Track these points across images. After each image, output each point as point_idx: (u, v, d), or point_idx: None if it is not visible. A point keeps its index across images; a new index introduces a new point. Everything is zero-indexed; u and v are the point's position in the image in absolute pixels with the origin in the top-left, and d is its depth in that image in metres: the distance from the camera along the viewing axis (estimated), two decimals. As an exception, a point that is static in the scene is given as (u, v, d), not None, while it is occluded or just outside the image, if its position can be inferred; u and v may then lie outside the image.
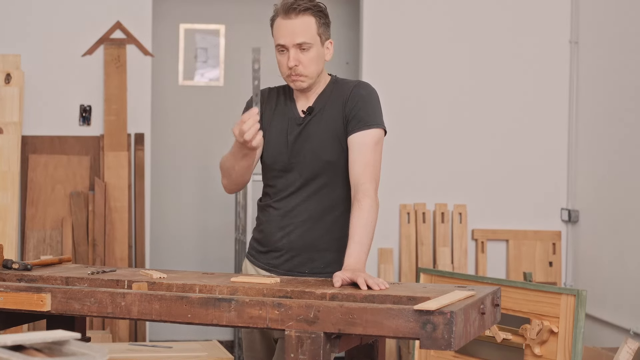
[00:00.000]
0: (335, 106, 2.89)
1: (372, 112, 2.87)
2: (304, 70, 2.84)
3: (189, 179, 6.37)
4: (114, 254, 5.36)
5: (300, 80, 2.86)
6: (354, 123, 2.85)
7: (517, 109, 5.73)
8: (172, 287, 2.68)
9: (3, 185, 5.09)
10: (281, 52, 2.85)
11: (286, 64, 2.84)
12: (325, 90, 2.94)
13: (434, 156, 5.70)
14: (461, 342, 2.23)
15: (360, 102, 2.87)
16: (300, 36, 2.81)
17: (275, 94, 3.00)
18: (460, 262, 5.62)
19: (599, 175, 5.39)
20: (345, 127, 2.86)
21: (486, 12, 5.72)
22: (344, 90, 2.91)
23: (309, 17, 2.83)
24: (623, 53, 5.15)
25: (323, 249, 2.89)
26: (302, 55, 2.83)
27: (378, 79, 5.65)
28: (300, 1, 2.83)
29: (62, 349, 1.88)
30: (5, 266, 2.92)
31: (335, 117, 2.88)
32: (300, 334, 2.29)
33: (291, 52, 2.82)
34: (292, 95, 2.97)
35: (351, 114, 2.86)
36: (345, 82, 2.97)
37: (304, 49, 2.82)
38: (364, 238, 2.74)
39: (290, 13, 2.82)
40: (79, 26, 5.52)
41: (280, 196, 2.92)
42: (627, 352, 3.56)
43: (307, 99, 2.93)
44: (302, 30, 2.82)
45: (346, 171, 2.87)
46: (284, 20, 2.83)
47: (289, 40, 2.82)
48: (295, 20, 2.82)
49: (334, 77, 2.98)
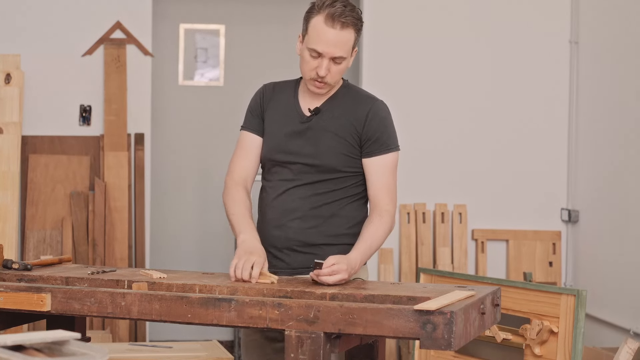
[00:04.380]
0: (346, 115, 2.88)
1: (393, 135, 2.91)
2: (331, 80, 2.84)
3: (189, 179, 6.36)
4: (114, 254, 5.36)
5: (323, 88, 2.86)
6: (376, 146, 2.87)
7: (517, 109, 5.73)
8: (172, 287, 2.68)
9: (3, 185, 5.09)
10: (313, 56, 2.81)
11: (314, 69, 2.81)
12: (337, 94, 2.93)
13: (434, 156, 5.70)
14: (461, 342, 2.23)
15: (382, 125, 2.88)
16: (339, 50, 2.79)
17: (280, 89, 3.00)
18: (460, 262, 5.62)
19: (599, 176, 5.39)
20: (360, 145, 2.88)
21: (486, 12, 5.72)
22: (359, 104, 2.90)
23: (351, 32, 2.80)
24: (623, 53, 5.15)
25: (322, 245, 2.88)
26: (333, 67, 2.82)
27: (378, 80, 5.65)
28: (348, 12, 2.78)
29: (62, 349, 1.88)
30: (5, 266, 2.92)
31: (346, 128, 2.88)
32: (300, 334, 2.29)
33: (324, 62, 2.80)
34: (297, 91, 2.96)
35: (373, 136, 2.87)
36: (359, 93, 2.96)
37: (338, 62, 2.81)
38: (374, 243, 2.81)
39: (336, 23, 2.77)
40: (78, 26, 5.52)
41: (277, 192, 2.92)
42: (627, 352, 3.56)
43: (316, 98, 2.93)
44: (342, 44, 2.79)
45: (347, 180, 2.89)
46: (327, 27, 2.78)
47: (328, 51, 2.78)
48: (339, 32, 2.78)
49: (345, 82, 2.97)
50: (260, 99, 3.00)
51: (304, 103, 2.94)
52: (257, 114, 2.99)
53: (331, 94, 2.93)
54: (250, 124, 2.99)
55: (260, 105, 2.98)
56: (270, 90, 3.00)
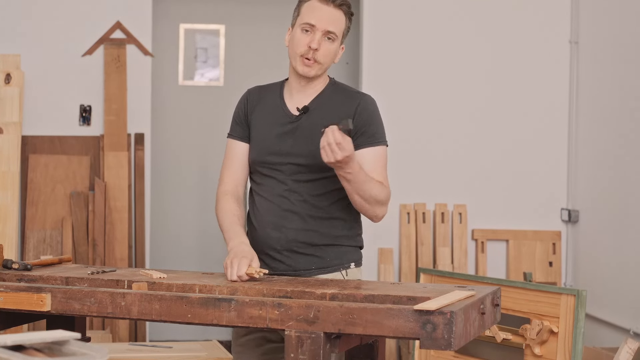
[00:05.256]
0: (335, 112, 2.87)
1: (381, 129, 2.92)
2: (321, 57, 2.86)
3: (189, 179, 6.36)
4: (114, 254, 5.36)
5: (312, 66, 2.86)
6: (365, 138, 2.87)
7: (517, 109, 5.73)
8: (172, 287, 2.68)
9: (3, 185, 5.09)
10: (306, 31, 2.86)
11: (307, 43, 2.84)
12: (324, 91, 2.93)
13: (434, 156, 5.70)
14: (461, 342, 2.23)
15: (370, 118, 2.89)
16: (333, 25, 2.86)
17: (265, 92, 3.00)
18: (460, 262, 5.62)
19: (599, 176, 5.39)
20: None
21: (486, 12, 5.72)
22: (347, 100, 2.91)
23: (342, 14, 2.90)
24: (623, 53, 5.15)
25: (323, 245, 2.88)
26: (325, 44, 2.86)
27: (378, 80, 5.66)
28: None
29: (62, 349, 1.88)
30: (5, 266, 2.92)
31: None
32: (300, 334, 2.29)
33: (317, 35, 2.84)
34: (283, 93, 2.96)
35: (362, 129, 2.87)
36: (346, 90, 2.97)
37: (330, 38, 2.86)
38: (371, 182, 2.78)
39: (330, 2, 2.87)
40: (78, 26, 5.52)
41: (271, 194, 2.90)
42: (627, 352, 3.56)
43: (303, 97, 2.92)
44: (335, 20, 2.87)
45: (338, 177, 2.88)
46: (320, 3, 2.87)
47: (322, 25, 2.85)
48: (332, 9, 2.87)
49: (332, 80, 2.98)
50: (244, 105, 3.00)
51: (291, 103, 2.93)
52: (240, 120, 2.99)
53: (318, 92, 2.92)
54: (234, 131, 3.00)
55: (244, 111, 2.99)
56: (255, 94, 3.01)
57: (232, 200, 2.95)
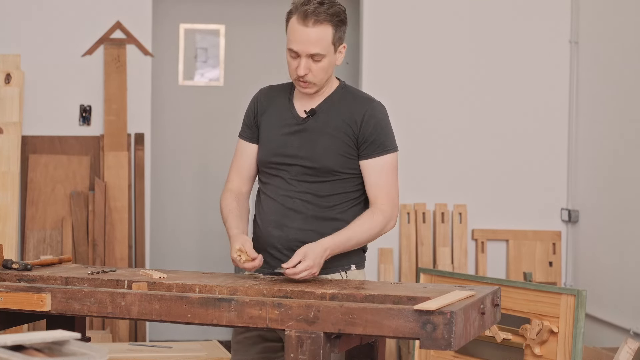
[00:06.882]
0: (342, 116, 2.87)
1: (390, 136, 2.89)
2: (313, 78, 2.82)
3: (189, 179, 6.36)
4: (114, 254, 5.36)
5: (308, 87, 2.85)
6: (372, 148, 2.86)
7: (517, 109, 5.73)
8: (172, 287, 2.68)
9: (3, 185, 5.09)
10: (292, 56, 2.81)
11: (295, 69, 2.80)
12: (333, 95, 2.92)
13: (434, 156, 5.70)
14: (461, 342, 2.23)
15: (378, 127, 2.86)
16: (314, 47, 2.77)
17: (276, 92, 3.00)
18: (460, 262, 5.62)
19: (599, 175, 5.39)
20: (357, 146, 2.86)
21: (486, 12, 5.72)
22: (355, 105, 2.89)
23: (327, 27, 2.77)
24: (623, 53, 5.15)
25: None
26: (314, 65, 2.79)
27: (378, 80, 5.65)
28: (320, 9, 2.75)
29: (62, 349, 1.88)
30: (5, 266, 2.92)
31: (342, 129, 2.86)
32: (300, 334, 2.29)
33: (302, 60, 2.78)
34: (293, 94, 2.96)
35: (370, 138, 2.85)
36: (356, 94, 2.94)
37: (317, 60, 2.79)
38: (355, 235, 2.81)
39: (308, 20, 2.75)
40: (78, 26, 5.52)
41: (276, 194, 2.91)
42: (627, 352, 3.56)
43: (311, 99, 2.92)
44: (317, 40, 2.76)
45: (346, 182, 2.88)
46: (299, 25, 2.76)
47: (302, 49, 2.77)
48: (311, 29, 2.75)
49: (342, 83, 2.96)
50: (254, 105, 3.01)
51: (299, 105, 2.93)
52: (250, 121, 3.00)
53: (326, 95, 2.92)
54: (244, 132, 3.02)
55: (255, 113, 2.99)
56: (265, 94, 3.00)
57: (232, 196, 3.00)
